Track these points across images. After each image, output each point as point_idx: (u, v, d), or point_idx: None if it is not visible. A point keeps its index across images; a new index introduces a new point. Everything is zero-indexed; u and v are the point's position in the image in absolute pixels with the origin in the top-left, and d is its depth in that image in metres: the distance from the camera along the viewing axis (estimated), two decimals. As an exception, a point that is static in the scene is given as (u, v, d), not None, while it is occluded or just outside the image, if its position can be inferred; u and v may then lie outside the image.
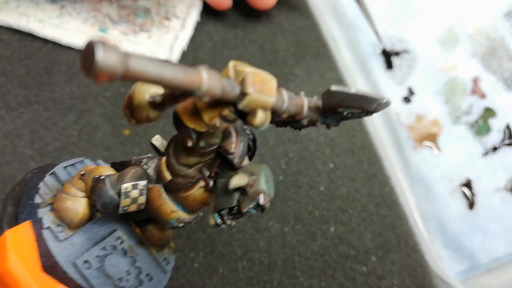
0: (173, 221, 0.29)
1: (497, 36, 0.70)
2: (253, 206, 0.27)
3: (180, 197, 0.28)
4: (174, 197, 0.29)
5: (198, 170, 0.28)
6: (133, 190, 0.28)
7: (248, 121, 0.22)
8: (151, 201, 0.29)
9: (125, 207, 0.28)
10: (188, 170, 0.27)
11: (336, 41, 0.69)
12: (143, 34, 0.57)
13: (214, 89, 0.20)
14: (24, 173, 0.34)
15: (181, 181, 0.28)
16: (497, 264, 0.62)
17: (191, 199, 0.28)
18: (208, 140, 0.26)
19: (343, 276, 0.52)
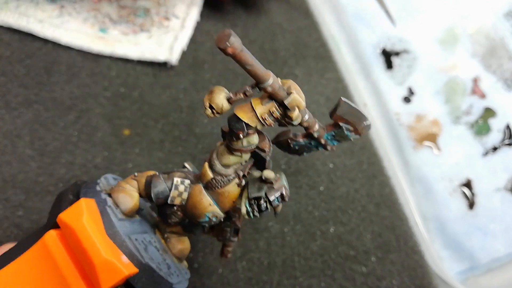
0: (208, 213, 0.34)
1: (497, 36, 0.70)
2: (278, 196, 0.33)
3: (216, 193, 0.34)
4: (211, 194, 0.34)
5: (234, 170, 0.34)
6: (181, 184, 0.34)
7: (288, 115, 0.31)
8: (192, 197, 0.34)
9: (173, 198, 0.34)
10: (227, 170, 0.34)
11: (336, 41, 0.69)
12: (143, 34, 0.57)
13: (274, 84, 0.30)
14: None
15: (220, 179, 0.34)
16: (497, 264, 0.62)
17: (226, 194, 0.34)
18: (249, 140, 0.33)
19: (343, 276, 0.52)
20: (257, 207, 0.34)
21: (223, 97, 0.31)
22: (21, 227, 0.48)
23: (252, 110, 0.31)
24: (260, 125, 0.32)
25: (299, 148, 0.37)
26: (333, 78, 0.63)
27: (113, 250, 0.30)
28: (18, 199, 0.49)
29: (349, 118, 0.34)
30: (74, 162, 0.52)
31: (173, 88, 0.58)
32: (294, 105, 0.31)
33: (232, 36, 0.27)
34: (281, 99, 0.31)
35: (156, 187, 0.34)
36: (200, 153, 0.55)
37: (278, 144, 0.38)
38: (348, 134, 0.35)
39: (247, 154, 0.34)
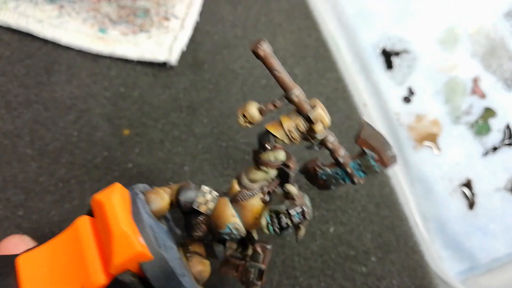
0: (230, 224, 0.35)
1: (497, 36, 0.70)
2: (299, 211, 0.34)
3: (240, 206, 0.36)
4: (235, 207, 0.36)
5: (260, 186, 0.36)
6: (208, 194, 0.36)
7: (313, 128, 0.34)
8: (217, 208, 0.36)
9: (198, 204, 0.35)
10: (253, 184, 0.36)
11: (336, 41, 0.69)
12: (143, 34, 0.57)
13: (300, 95, 0.33)
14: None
15: (245, 192, 0.36)
16: (497, 264, 0.62)
17: (249, 208, 0.35)
18: (276, 155, 0.35)
19: (343, 276, 0.52)
20: (277, 222, 0.35)
21: (254, 107, 0.34)
22: (21, 227, 0.48)
23: (280, 124, 0.34)
24: (287, 138, 0.34)
25: (327, 179, 0.38)
26: (333, 78, 0.63)
27: (133, 228, 0.31)
28: (19, 199, 0.49)
29: (373, 143, 0.36)
30: (74, 162, 0.52)
31: (173, 88, 0.58)
32: (318, 119, 0.33)
33: (264, 43, 0.32)
34: (306, 112, 0.33)
35: (185, 192, 0.36)
36: (200, 153, 0.55)
37: (305, 173, 0.39)
38: (374, 164, 0.36)
39: (273, 171, 0.36)
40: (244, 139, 0.57)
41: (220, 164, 0.55)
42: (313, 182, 0.40)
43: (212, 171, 0.54)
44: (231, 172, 0.55)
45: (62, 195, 0.50)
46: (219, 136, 0.56)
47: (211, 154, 0.55)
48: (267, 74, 0.36)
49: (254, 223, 0.36)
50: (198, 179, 0.54)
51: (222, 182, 0.54)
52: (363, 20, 0.71)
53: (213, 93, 0.58)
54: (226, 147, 0.56)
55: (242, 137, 0.57)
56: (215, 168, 0.55)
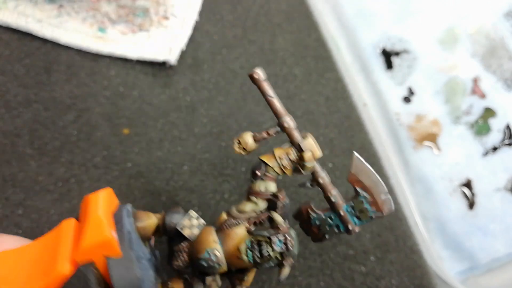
0: (210, 249, 0.34)
1: (497, 36, 0.70)
2: (281, 239, 0.34)
3: (224, 234, 0.35)
4: (219, 235, 0.35)
5: (247, 217, 0.36)
6: (195, 219, 0.36)
7: (302, 157, 0.35)
8: (200, 234, 0.35)
9: (182, 227, 0.35)
10: (241, 215, 0.36)
11: (335, 41, 0.69)
12: (142, 34, 0.57)
13: (291, 122, 0.36)
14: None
15: (232, 221, 0.36)
16: (497, 264, 0.62)
17: (232, 236, 0.35)
18: (267, 186, 0.36)
19: (342, 276, 0.52)
20: (258, 249, 0.34)
21: (249, 135, 0.36)
22: (20, 226, 0.49)
23: (272, 154, 0.36)
24: (278, 166, 0.36)
25: (320, 225, 0.38)
26: (333, 78, 0.63)
27: (110, 222, 0.31)
28: (18, 198, 0.49)
29: (365, 181, 0.36)
30: (74, 161, 0.52)
31: (172, 87, 0.58)
32: (308, 147, 0.35)
33: (259, 69, 0.35)
34: (296, 140, 0.35)
35: (172, 214, 0.36)
36: (199, 153, 0.55)
37: (299, 217, 0.39)
38: (368, 208, 0.36)
39: (263, 202, 0.36)
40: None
41: (220, 164, 0.55)
42: (307, 230, 0.39)
43: (212, 171, 0.54)
44: (230, 172, 0.55)
45: (62, 194, 0.50)
46: (219, 135, 0.56)
47: (211, 153, 0.55)
48: (266, 74, 0.36)
49: (235, 253, 0.35)
50: (197, 178, 0.54)
51: (221, 182, 0.54)
52: (363, 20, 0.71)
53: (212, 93, 0.58)
54: (225, 147, 0.56)
55: (241, 137, 0.57)
56: (214, 167, 0.55)
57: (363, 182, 0.36)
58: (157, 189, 0.52)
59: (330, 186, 0.37)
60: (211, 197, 0.53)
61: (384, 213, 0.36)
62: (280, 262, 0.34)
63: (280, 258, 0.34)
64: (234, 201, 0.53)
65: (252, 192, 0.36)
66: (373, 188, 0.36)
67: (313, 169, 0.37)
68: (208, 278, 0.36)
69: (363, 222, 0.37)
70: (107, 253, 0.30)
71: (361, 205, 0.36)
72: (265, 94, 0.35)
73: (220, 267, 0.34)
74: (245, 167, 0.55)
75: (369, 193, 0.36)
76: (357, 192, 0.36)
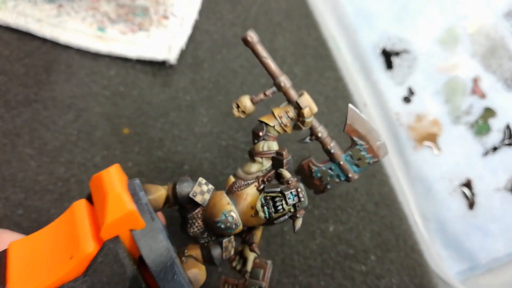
0: (225, 211, 0.35)
1: (497, 36, 0.70)
2: (293, 193, 0.34)
3: (235, 196, 0.36)
4: (231, 197, 0.36)
5: (255, 176, 0.37)
6: (205, 185, 0.36)
7: (301, 113, 0.36)
8: (212, 199, 0.36)
9: (195, 194, 0.35)
10: (248, 176, 0.37)
11: (335, 41, 0.69)
12: (142, 33, 0.57)
13: (287, 81, 0.36)
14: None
15: (240, 182, 0.36)
16: (497, 264, 0.62)
17: (244, 196, 0.35)
18: (269, 145, 0.37)
19: (342, 275, 0.52)
20: (272, 205, 0.35)
21: (247, 98, 0.37)
22: (21, 225, 0.48)
23: (272, 115, 0.37)
24: (278, 125, 0.36)
25: (322, 177, 0.39)
26: (333, 77, 0.63)
27: (128, 195, 0.31)
28: (18, 198, 0.49)
29: (360, 130, 0.37)
30: (74, 161, 0.52)
31: (172, 87, 0.58)
32: (306, 104, 0.36)
33: (251, 31, 0.35)
34: (293, 98, 0.36)
35: (182, 183, 0.36)
36: (199, 152, 0.55)
37: (301, 172, 0.40)
38: (365, 155, 0.37)
39: (267, 161, 0.37)
40: (243, 138, 0.56)
41: (220, 163, 0.55)
42: (309, 184, 0.41)
43: (212, 170, 0.54)
44: (230, 171, 0.55)
45: (62, 194, 0.50)
46: (219, 135, 0.56)
47: (211, 153, 0.55)
48: (266, 73, 0.36)
49: (249, 212, 0.36)
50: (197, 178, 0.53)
51: (221, 181, 0.54)
52: (363, 20, 0.71)
53: (212, 92, 0.58)
54: (225, 146, 0.56)
55: (241, 136, 0.57)
56: (214, 167, 0.55)
57: (359, 131, 0.37)
58: (157, 188, 0.52)
59: (328, 139, 0.38)
60: (211, 197, 0.53)
61: (380, 157, 0.38)
62: (293, 214, 0.35)
63: (293, 211, 0.35)
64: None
65: (256, 153, 0.37)
66: (368, 136, 0.37)
67: (311, 124, 0.38)
68: (225, 240, 0.37)
69: (362, 169, 0.38)
70: (131, 226, 0.30)
71: (358, 153, 0.38)
72: (259, 56, 0.36)
73: (237, 227, 0.35)
74: (245, 166, 0.55)
75: (365, 141, 0.37)
76: (354, 141, 0.38)
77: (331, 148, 0.38)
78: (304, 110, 0.36)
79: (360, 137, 0.37)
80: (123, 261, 0.30)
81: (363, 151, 0.37)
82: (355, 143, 0.38)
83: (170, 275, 0.31)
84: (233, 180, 0.37)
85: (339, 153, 0.38)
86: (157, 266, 0.30)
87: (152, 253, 0.30)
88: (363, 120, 0.38)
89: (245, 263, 0.41)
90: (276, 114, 0.37)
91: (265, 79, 0.60)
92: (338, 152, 0.38)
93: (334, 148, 0.38)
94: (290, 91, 0.37)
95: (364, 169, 0.38)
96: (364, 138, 0.37)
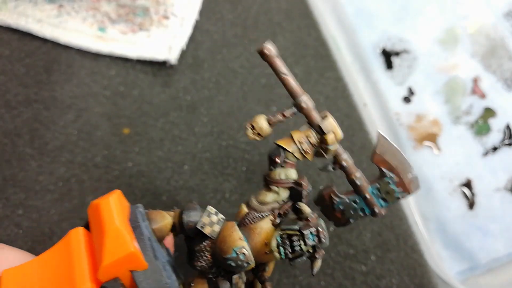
0: (237, 248, 0.32)
1: (497, 36, 0.70)
2: (313, 233, 0.31)
3: (248, 229, 0.33)
4: (243, 230, 0.33)
5: (270, 209, 0.34)
6: (214, 215, 0.33)
7: (324, 139, 0.32)
8: (223, 231, 0.33)
9: (203, 225, 0.33)
10: (263, 207, 0.33)
11: (335, 41, 0.69)
12: (142, 33, 0.57)
13: (309, 102, 0.33)
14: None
15: (254, 214, 0.33)
16: (497, 264, 0.62)
17: (258, 231, 0.33)
18: (287, 173, 0.33)
19: (342, 275, 0.52)
20: (289, 244, 0.32)
21: (263, 118, 0.33)
22: (21, 226, 0.48)
23: (291, 139, 0.33)
24: (298, 152, 0.33)
25: (344, 209, 0.35)
26: (333, 77, 0.63)
27: (129, 231, 0.29)
28: (18, 197, 0.49)
29: (391, 160, 0.33)
30: (74, 161, 0.52)
31: (172, 87, 0.58)
32: (330, 129, 0.32)
33: (269, 43, 0.31)
34: (316, 122, 0.33)
35: (189, 212, 0.34)
36: (200, 152, 0.55)
37: (321, 203, 0.36)
38: (395, 189, 0.34)
39: (284, 191, 0.34)
40: (244, 138, 0.56)
41: (220, 163, 0.55)
42: (329, 215, 0.37)
43: (212, 170, 0.54)
44: (231, 171, 0.55)
45: (62, 194, 0.50)
46: (219, 135, 0.56)
47: (211, 153, 0.55)
48: (267, 73, 0.36)
49: (263, 249, 0.32)
50: (198, 178, 0.54)
51: (222, 181, 0.54)
52: (363, 20, 0.71)
53: (213, 92, 0.58)
54: (226, 146, 0.56)
55: (242, 136, 0.57)
56: (215, 167, 0.55)
57: (389, 162, 0.34)
58: (157, 188, 0.52)
59: (354, 168, 0.35)
60: (212, 197, 0.53)
61: (411, 192, 0.34)
62: (312, 255, 0.32)
63: (312, 251, 0.32)
64: (235, 200, 0.53)
65: (272, 181, 0.33)
66: (399, 168, 0.33)
67: (336, 152, 0.34)
68: (236, 276, 0.34)
69: (389, 203, 0.35)
70: (132, 267, 0.28)
71: (387, 186, 0.34)
72: (278, 72, 0.32)
73: (248, 266, 0.32)
74: (246, 166, 0.55)
75: (395, 173, 0.34)
76: (383, 173, 0.34)
77: (357, 179, 0.34)
78: (328, 136, 0.32)
79: (390, 169, 0.34)
80: None
81: (392, 185, 0.34)
82: (384, 175, 0.34)
83: None
84: (246, 211, 0.34)
85: (365, 185, 0.35)
86: None
87: None
88: (394, 149, 0.34)
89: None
90: (296, 138, 0.33)
91: (265, 79, 0.60)
92: (364, 184, 0.35)
93: (360, 179, 0.35)
94: (312, 113, 0.33)
95: (392, 204, 0.35)
96: (395, 170, 0.34)
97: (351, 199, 0.35)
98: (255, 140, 0.33)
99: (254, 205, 0.34)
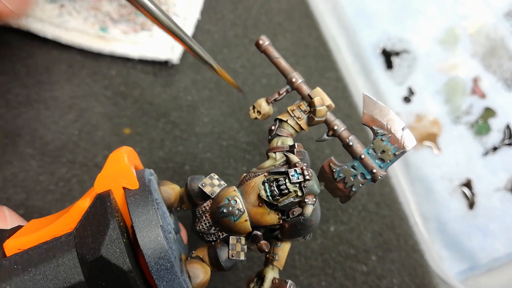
0: (229, 196, 0.32)
1: (497, 36, 0.70)
2: (297, 171, 0.31)
3: (243, 186, 0.34)
4: (239, 188, 0.34)
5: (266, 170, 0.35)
6: (216, 180, 0.35)
7: (312, 103, 0.36)
8: (221, 191, 0.34)
9: (204, 184, 0.35)
10: (259, 171, 0.36)
11: (336, 41, 0.69)
12: (144, 33, 0.57)
13: (299, 77, 0.37)
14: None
15: (251, 175, 0.35)
16: (497, 264, 0.62)
17: (252, 184, 0.33)
18: (283, 140, 0.37)
19: (343, 275, 0.52)
20: (276, 185, 0.31)
21: (263, 99, 0.38)
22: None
23: (286, 112, 0.38)
24: (292, 119, 0.37)
25: (345, 177, 0.35)
26: (333, 77, 0.63)
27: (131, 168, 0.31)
28: (19, 198, 0.49)
29: (381, 119, 0.34)
30: (75, 161, 0.52)
31: (173, 87, 0.58)
32: (317, 94, 0.36)
33: (264, 36, 0.38)
34: (306, 91, 0.37)
35: (193, 178, 0.37)
36: (201, 152, 0.55)
37: (323, 177, 0.37)
38: (389, 145, 0.33)
39: (281, 156, 0.36)
40: (244, 138, 0.57)
41: (221, 163, 0.55)
42: (333, 190, 0.37)
43: (213, 170, 0.54)
44: (232, 172, 0.55)
45: (63, 194, 0.50)
46: (220, 135, 0.56)
47: (212, 153, 0.55)
48: (267, 73, 0.36)
49: (256, 202, 0.32)
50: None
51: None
52: (363, 20, 0.71)
53: (213, 92, 0.58)
54: (227, 146, 0.56)
55: (242, 136, 0.57)
56: (215, 167, 0.55)
57: (378, 120, 0.33)
58: (158, 188, 0.52)
59: (346, 132, 0.36)
60: (213, 197, 0.53)
61: (406, 148, 0.33)
62: (301, 200, 0.31)
63: (300, 194, 0.31)
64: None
65: (270, 149, 0.37)
66: (389, 124, 0.33)
67: (325, 115, 0.37)
68: (232, 237, 0.34)
69: (388, 164, 0.34)
70: (125, 181, 0.30)
71: (381, 143, 0.34)
72: (271, 57, 0.38)
73: (240, 214, 0.32)
74: (246, 166, 0.55)
75: (386, 130, 0.33)
76: (375, 131, 0.34)
77: (350, 141, 0.35)
78: (315, 99, 0.36)
79: (381, 126, 0.34)
80: (108, 210, 0.29)
81: (386, 142, 0.33)
82: (376, 133, 0.34)
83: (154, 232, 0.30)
84: (245, 174, 0.36)
85: (359, 146, 0.35)
86: (142, 223, 0.29)
87: (140, 218, 0.29)
88: (382, 107, 0.34)
89: (263, 283, 0.38)
90: (290, 109, 0.37)
91: (266, 79, 0.60)
92: (358, 145, 0.35)
93: (353, 141, 0.35)
94: (303, 86, 0.37)
95: (391, 163, 0.34)
96: (385, 127, 0.34)
97: (349, 165, 0.36)
98: (256, 119, 0.38)
99: (253, 170, 0.37)
